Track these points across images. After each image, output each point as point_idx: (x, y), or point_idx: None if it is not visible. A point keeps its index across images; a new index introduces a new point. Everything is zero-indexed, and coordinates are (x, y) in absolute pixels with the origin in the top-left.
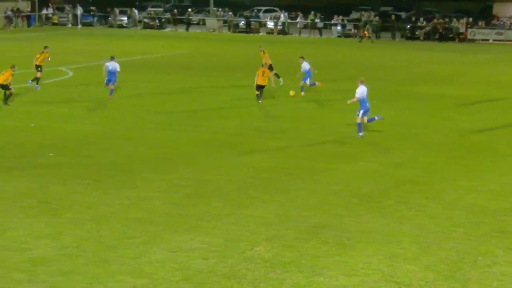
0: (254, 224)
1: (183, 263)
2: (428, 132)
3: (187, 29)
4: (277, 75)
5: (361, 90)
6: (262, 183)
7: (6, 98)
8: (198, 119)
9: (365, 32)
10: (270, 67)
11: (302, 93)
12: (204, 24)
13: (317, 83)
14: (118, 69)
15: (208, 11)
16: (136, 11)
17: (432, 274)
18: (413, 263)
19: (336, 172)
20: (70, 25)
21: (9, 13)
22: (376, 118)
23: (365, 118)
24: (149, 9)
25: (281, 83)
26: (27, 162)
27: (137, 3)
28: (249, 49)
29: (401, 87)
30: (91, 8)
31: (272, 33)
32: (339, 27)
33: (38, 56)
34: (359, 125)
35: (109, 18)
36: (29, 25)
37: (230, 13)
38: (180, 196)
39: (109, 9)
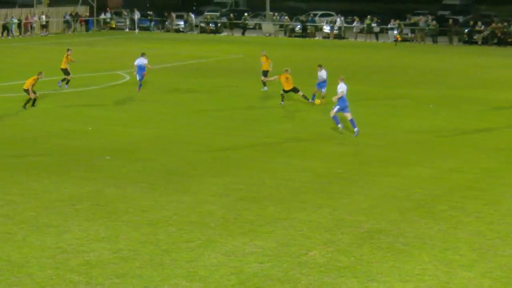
0: (308, 229)
1: (238, 267)
2: (485, 137)
3: (243, 34)
4: (264, 82)
5: (343, 87)
6: (316, 188)
7: (26, 103)
8: (253, 123)
9: (398, 36)
10: (266, 73)
11: (312, 101)
12: (260, 28)
13: (316, 101)
14: (146, 62)
15: (264, 16)
16: (192, 16)
17: (489, 281)
18: (469, 270)
19: (391, 177)
20: (127, 30)
21: (68, 17)
22: (340, 126)
23: (334, 111)
24: (205, 13)
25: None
26: (84, 165)
27: (194, 8)
28: (305, 54)
29: (458, 91)
30: (148, 12)
31: (328, 37)
32: (395, 32)
33: (64, 59)
34: (335, 117)
35: (166, 23)
36: (87, 29)
37: (286, 17)
38: (235, 200)
39: (166, 14)
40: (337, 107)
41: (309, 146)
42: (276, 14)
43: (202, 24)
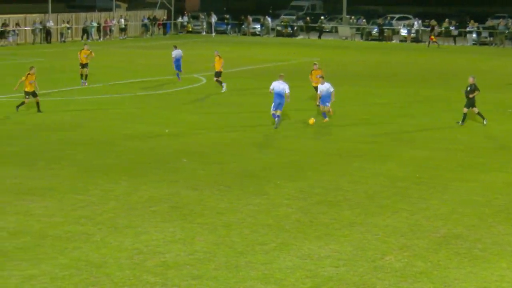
0: (384, 233)
1: (313, 271)
2: None
3: (319, 37)
4: (220, 82)
5: (274, 85)
6: (393, 192)
7: (38, 107)
8: (329, 126)
9: (432, 37)
10: (218, 74)
11: (326, 119)
12: (336, 31)
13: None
14: (181, 54)
15: (341, 19)
16: (269, 19)
17: None
18: None
19: (469, 182)
20: (204, 33)
21: (146, 21)
22: (277, 119)
23: (278, 111)
24: (282, 16)
25: (223, 89)
26: (160, 167)
27: (270, 11)
28: (381, 57)
29: None
30: (225, 16)
31: (405, 40)
32: (474, 35)
33: (82, 54)
34: (274, 115)
35: (243, 26)
36: (165, 33)
37: (364, 20)
38: (311, 203)
39: (242, 17)
40: (273, 104)
41: (386, 150)
42: (352, 17)
43: (279, 28)
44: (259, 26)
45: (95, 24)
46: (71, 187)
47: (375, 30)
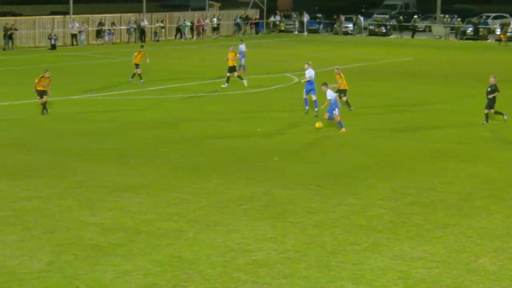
0: (478, 235)
1: (405, 272)
2: None
3: (412, 36)
4: (240, 77)
5: (310, 73)
6: (487, 194)
7: (43, 109)
8: (423, 127)
9: (501, 36)
10: (232, 69)
11: (343, 129)
12: (430, 31)
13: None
14: (244, 49)
15: (435, 18)
16: (361, 18)
17: None
18: None
19: None
20: (296, 32)
21: (238, 20)
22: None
23: (313, 96)
24: (375, 15)
25: (245, 84)
26: (252, 165)
27: (363, 10)
28: (476, 57)
29: None
30: (317, 15)
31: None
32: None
33: (136, 55)
34: (305, 100)
35: (335, 25)
36: (257, 32)
37: (458, 19)
38: (403, 204)
39: (335, 16)
40: (304, 89)
41: (480, 151)
42: (446, 16)
43: (371, 27)
44: (351, 25)
45: (188, 24)
46: (164, 184)
47: (470, 29)
